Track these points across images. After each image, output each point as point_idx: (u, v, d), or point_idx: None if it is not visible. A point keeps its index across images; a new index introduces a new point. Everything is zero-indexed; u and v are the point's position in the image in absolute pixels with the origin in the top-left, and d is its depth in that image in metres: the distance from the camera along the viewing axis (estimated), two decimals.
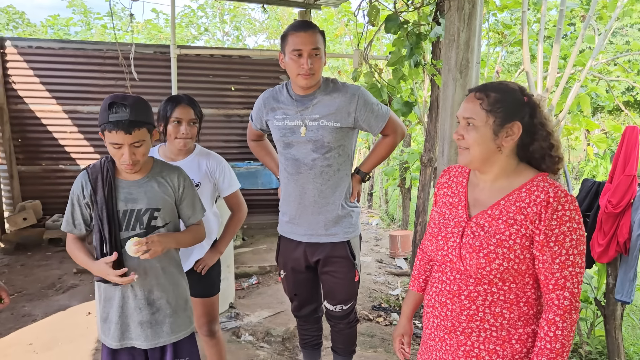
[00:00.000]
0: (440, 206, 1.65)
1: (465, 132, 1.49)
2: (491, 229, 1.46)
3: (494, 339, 1.48)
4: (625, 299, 3.23)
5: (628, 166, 3.20)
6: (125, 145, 1.85)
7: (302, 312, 2.47)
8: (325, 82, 2.28)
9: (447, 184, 1.67)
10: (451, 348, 1.53)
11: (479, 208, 1.53)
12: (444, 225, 1.58)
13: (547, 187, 1.43)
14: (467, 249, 1.47)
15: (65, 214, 2.01)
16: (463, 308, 1.49)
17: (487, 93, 1.46)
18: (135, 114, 1.84)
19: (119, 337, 1.99)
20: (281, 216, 2.41)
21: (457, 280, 1.51)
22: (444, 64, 2.96)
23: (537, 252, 1.43)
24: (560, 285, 1.41)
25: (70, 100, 6.68)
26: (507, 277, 1.45)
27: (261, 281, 5.06)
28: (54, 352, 3.46)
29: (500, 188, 1.51)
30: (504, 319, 1.47)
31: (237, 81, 7.09)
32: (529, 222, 1.42)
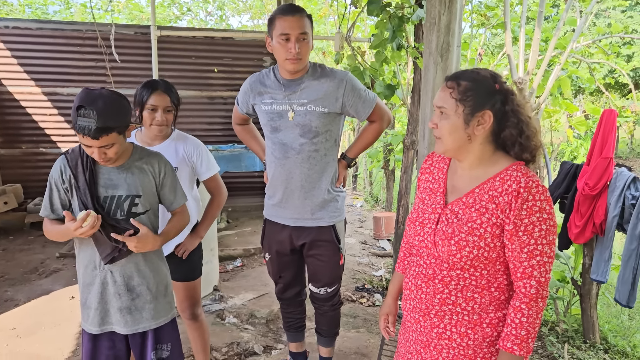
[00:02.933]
0: (421, 191, 1.67)
1: (438, 121, 1.50)
2: (464, 217, 1.48)
3: (465, 322, 1.52)
4: (600, 278, 3.32)
5: (605, 149, 3.26)
6: (94, 147, 1.83)
7: (286, 295, 2.50)
8: (313, 67, 2.28)
9: (429, 169, 1.68)
10: (425, 330, 1.57)
11: (456, 195, 1.55)
12: (422, 211, 1.61)
13: (520, 177, 1.43)
14: (441, 235, 1.50)
15: (43, 199, 2.00)
16: (436, 292, 1.53)
17: (458, 82, 1.47)
18: (103, 120, 1.76)
19: (99, 323, 2.00)
20: (267, 200, 2.42)
21: (432, 264, 1.54)
22: (425, 48, 2.96)
23: (506, 241, 1.45)
24: (528, 274, 1.44)
25: (49, 82, 6.56)
26: (477, 264, 1.48)
27: (245, 264, 5.09)
28: (38, 336, 3.46)
29: (476, 176, 1.52)
30: (475, 303, 1.50)
31: (220, 62, 7.02)
32: (500, 211, 1.44)
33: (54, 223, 1.98)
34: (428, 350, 1.58)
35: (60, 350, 3.27)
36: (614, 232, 3.24)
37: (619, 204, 3.18)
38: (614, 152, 3.34)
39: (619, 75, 10.93)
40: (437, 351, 1.56)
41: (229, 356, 3.31)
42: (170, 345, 2.13)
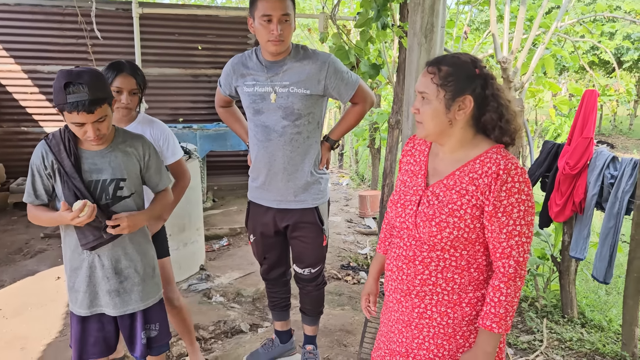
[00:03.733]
0: (403, 174, 1.69)
1: (420, 106, 1.51)
2: (445, 199, 1.51)
3: (445, 302, 1.56)
4: (579, 255, 3.40)
5: (586, 129, 3.31)
6: (88, 124, 1.82)
7: (271, 276, 2.53)
8: (296, 48, 2.27)
9: (411, 152, 1.70)
10: (406, 309, 1.61)
11: (437, 177, 1.57)
12: (403, 192, 1.63)
13: (499, 160, 1.46)
14: (422, 217, 1.52)
15: (26, 186, 1.99)
16: (417, 272, 1.56)
17: (439, 67, 1.48)
18: (94, 92, 1.77)
19: (88, 305, 2.02)
20: (251, 182, 2.43)
21: (412, 246, 1.57)
22: (410, 28, 2.95)
23: (486, 222, 1.48)
24: (507, 254, 1.47)
25: (29, 59, 6.43)
26: (457, 245, 1.51)
27: (232, 243, 5.12)
28: (24, 317, 3.47)
29: (457, 159, 1.54)
30: (455, 283, 1.54)
31: (204, 40, 6.92)
32: (480, 193, 1.46)
33: (39, 209, 1.98)
34: (409, 330, 1.62)
35: (47, 330, 3.29)
36: (592, 210, 3.32)
37: (598, 183, 3.24)
38: (596, 131, 3.38)
39: (601, 53, 10.99)
40: (418, 330, 1.60)
41: (216, 334, 3.36)
42: (159, 325, 2.16)
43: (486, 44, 6.20)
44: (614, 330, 3.50)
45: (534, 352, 3.19)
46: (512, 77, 4.28)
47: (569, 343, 3.29)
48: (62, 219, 1.85)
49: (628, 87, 8.13)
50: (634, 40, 11.64)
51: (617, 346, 3.22)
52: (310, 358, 2.50)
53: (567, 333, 3.39)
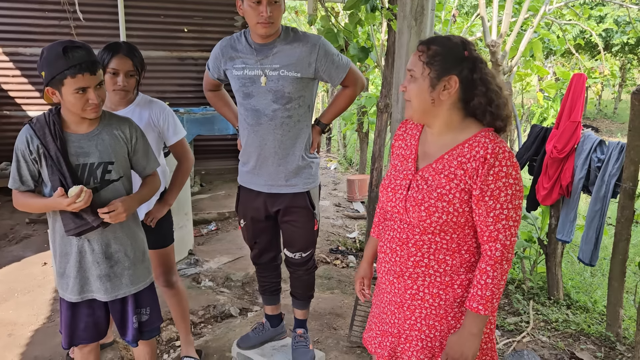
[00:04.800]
0: (394, 158, 1.69)
1: (407, 84, 1.52)
2: (433, 183, 1.51)
3: (437, 283, 1.57)
4: (565, 238, 3.45)
5: (573, 113, 3.33)
6: (90, 88, 1.81)
7: (261, 260, 2.52)
8: (286, 30, 2.23)
9: (403, 136, 1.70)
10: (399, 291, 1.62)
11: (426, 161, 1.57)
12: (394, 177, 1.63)
13: (487, 143, 1.46)
14: (411, 201, 1.53)
15: (11, 171, 1.95)
16: (410, 255, 1.57)
17: (429, 46, 1.48)
18: (91, 54, 1.82)
19: (79, 291, 2.00)
20: (241, 166, 2.41)
21: (405, 229, 1.58)
22: (399, 11, 2.93)
23: (474, 206, 1.49)
24: (494, 237, 1.48)
25: (10, 41, 6.27)
26: (447, 229, 1.52)
27: (220, 227, 5.11)
28: (11, 303, 3.44)
29: (445, 142, 1.54)
30: (447, 265, 1.55)
31: (191, 22, 6.80)
32: (468, 177, 1.47)
33: (26, 195, 1.94)
34: (402, 311, 1.63)
35: (35, 316, 3.27)
36: (579, 194, 3.36)
37: (585, 166, 3.28)
38: (582, 114, 3.41)
39: (590, 36, 11.03)
40: (410, 311, 1.62)
41: (206, 319, 3.36)
42: (149, 309, 2.15)
43: (474, 27, 6.18)
44: (599, 311, 3.57)
45: (521, 333, 3.24)
46: (500, 61, 4.28)
47: (554, 324, 3.35)
48: (58, 204, 1.82)
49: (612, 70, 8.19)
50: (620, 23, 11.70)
51: (602, 327, 3.29)
52: (301, 342, 2.51)
53: (553, 314, 3.45)
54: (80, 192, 1.79)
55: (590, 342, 3.16)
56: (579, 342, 3.16)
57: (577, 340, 3.18)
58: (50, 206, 1.89)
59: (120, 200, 1.93)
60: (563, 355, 3.01)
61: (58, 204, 1.82)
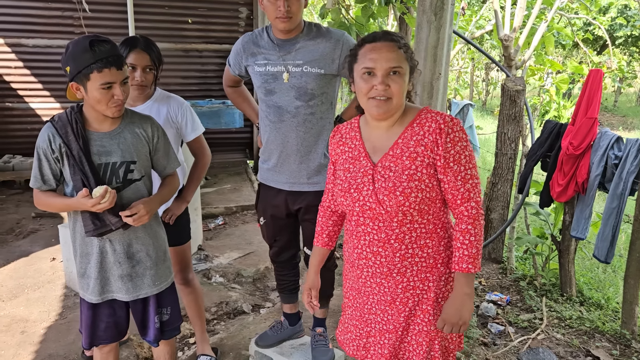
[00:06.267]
0: (342, 163, 1.71)
1: (391, 82, 1.53)
2: (398, 167, 1.56)
3: (424, 268, 1.64)
4: (580, 235, 3.43)
5: (590, 109, 3.30)
6: (116, 84, 1.78)
7: (280, 258, 2.49)
8: (309, 26, 2.19)
9: (342, 141, 1.73)
10: (390, 289, 1.67)
11: (380, 153, 1.62)
12: (352, 178, 1.65)
13: (435, 116, 1.57)
14: (383, 192, 1.56)
15: (32, 170, 1.90)
16: (395, 250, 1.62)
17: (402, 42, 1.55)
18: (117, 49, 1.80)
19: (99, 292, 1.97)
20: (262, 164, 2.37)
21: (382, 228, 1.61)
22: (419, 6, 2.89)
23: (441, 176, 1.57)
24: (467, 198, 1.57)
25: (13, 32, 6.19)
26: (423, 208, 1.58)
27: (227, 222, 5.07)
28: (22, 299, 3.41)
29: (394, 130, 1.61)
30: (428, 248, 1.63)
31: (195, 13, 6.73)
32: (429, 150, 1.55)
33: (48, 194, 1.91)
34: (394, 306, 1.68)
35: (46, 313, 3.24)
36: (595, 190, 3.33)
37: (602, 163, 3.24)
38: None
39: (593, 28, 10.98)
40: (403, 304, 1.67)
41: (219, 316, 3.35)
42: (170, 309, 2.13)
43: (482, 19, 6.14)
44: (612, 308, 3.56)
45: (535, 330, 3.23)
46: (513, 55, 4.24)
47: (568, 321, 3.34)
48: (82, 205, 1.79)
49: (620, 64, 8.18)
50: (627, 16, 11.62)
51: (617, 324, 3.28)
52: (321, 341, 2.49)
53: (566, 311, 3.44)
54: (105, 192, 1.76)
55: (605, 339, 3.15)
56: (594, 340, 3.15)
57: (592, 338, 3.17)
58: (74, 206, 1.85)
59: (142, 202, 1.90)
60: (578, 353, 3.01)
61: (82, 204, 1.79)
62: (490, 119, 13.82)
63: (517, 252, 4.55)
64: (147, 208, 1.88)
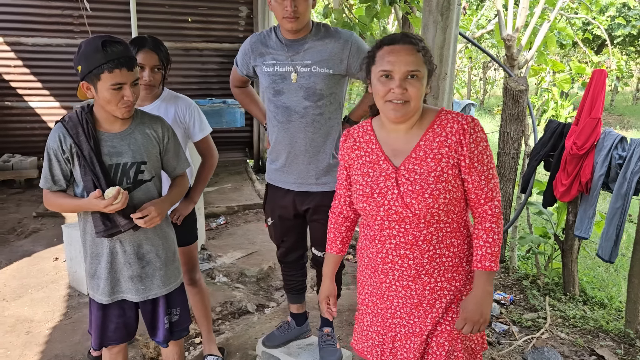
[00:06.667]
0: (360, 167, 1.67)
1: (408, 85, 1.50)
2: (423, 170, 1.55)
3: (450, 267, 1.64)
4: (583, 234, 3.44)
5: (594, 109, 3.31)
6: (127, 84, 1.77)
7: (288, 259, 2.49)
8: (317, 26, 2.19)
9: (356, 145, 1.69)
10: (417, 291, 1.65)
11: (401, 156, 1.59)
12: (373, 182, 1.62)
13: (456, 117, 1.56)
14: (410, 195, 1.55)
15: (42, 171, 1.90)
16: (423, 252, 1.60)
17: (420, 45, 1.53)
18: (129, 50, 1.80)
19: (109, 292, 1.96)
20: (269, 164, 2.37)
21: (409, 230, 1.59)
22: (425, 6, 2.89)
23: (465, 176, 1.57)
24: (490, 197, 1.58)
25: (12, 30, 6.19)
26: (450, 208, 1.57)
27: (229, 221, 5.07)
28: (26, 299, 3.40)
29: (413, 132, 1.59)
30: (454, 247, 1.63)
31: (195, 12, 6.74)
32: (454, 151, 1.54)
33: (58, 195, 1.90)
34: (420, 309, 1.66)
35: (50, 313, 3.23)
36: (599, 190, 3.34)
37: (606, 163, 3.26)
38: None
39: (591, 28, 11.02)
40: (430, 305, 1.65)
41: (223, 315, 3.34)
42: (180, 310, 2.13)
43: (482, 18, 6.15)
44: (615, 308, 3.58)
45: (539, 329, 3.24)
46: (516, 55, 4.25)
47: (572, 320, 3.35)
48: (93, 206, 1.78)
49: (619, 64, 8.20)
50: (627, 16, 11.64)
51: (620, 323, 3.29)
52: (328, 341, 2.49)
53: (570, 310, 3.45)
54: (118, 194, 1.76)
55: (609, 338, 3.17)
56: (598, 339, 3.16)
57: (596, 337, 3.18)
58: (85, 207, 1.85)
59: (153, 204, 1.89)
60: (583, 352, 3.02)
61: (94, 205, 1.78)
62: (488, 118, 13.84)
63: (520, 252, 4.57)
64: (158, 210, 1.88)
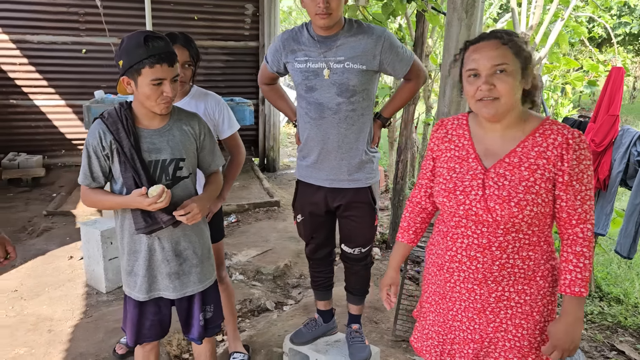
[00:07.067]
0: (447, 161, 1.63)
1: (496, 81, 1.44)
2: (514, 177, 1.49)
3: (521, 279, 1.56)
4: (601, 231, 3.46)
5: (612, 106, 3.33)
6: (167, 80, 1.77)
7: (317, 255, 2.49)
8: (349, 22, 2.19)
9: (447, 137, 1.65)
10: (481, 297, 1.59)
11: (493, 158, 1.54)
12: (458, 179, 1.57)
13: (562, 129, 1.48)
14: (495, 200, 1.49)
15: (81, 167, 1.89)
16: (495, 259, 1.53)
17: (509, 38, 1.45)
18: (171, 47, 1.79)
19: (147, 290, 1.96)
20: (300, 161, 2.37)
21: (485, 233, 1.53)
22: (449, 3, 2.90)
23: (560, 192, 1.49)
24: (583, 219, 1.49)
25: (17, 28, 6.16)
26: (534, 222, 1.49)
27: (241, 219, 5.06)
28: (44, 298, 3.37)
29: (512, 136, 1.52)
30: (530, 260, 1.54)
31: (201, 10, 6.72)
32: (552, 165, 1.47)
33: (97, 192, 1.89)
34: (483, 316, 1.60)
35: (70, 311, 3.21)
36: (617, 187, 3.37)
37: (624, 160, 3.28)
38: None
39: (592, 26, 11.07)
40: (493, 314, 1.59)
41: (243, 313, 3.34)
42: (213, 306, 2.13)
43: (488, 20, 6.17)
44: (632, 303, 3.61)
45: None
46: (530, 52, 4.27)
47: (590, 316, 3.37)
48: (137, 203, 1.78)
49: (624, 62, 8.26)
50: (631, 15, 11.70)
51: (638, 319, 3.32)
52: (357, 337, 2.49)
53: (587, 306, 3.47)
54: (162, 192, 1.75)
55: (628, 334, 3.19)
56: (617, 334, 3.19)
57: (614, 333, 3.21)
58: (127, 204, 1.83)
59: (194, 201, 1.89)
60: (603, 348, 3.04)
61: (137, 202, 1.78)
62: None
63: None
64: (199, 206, 1.88)
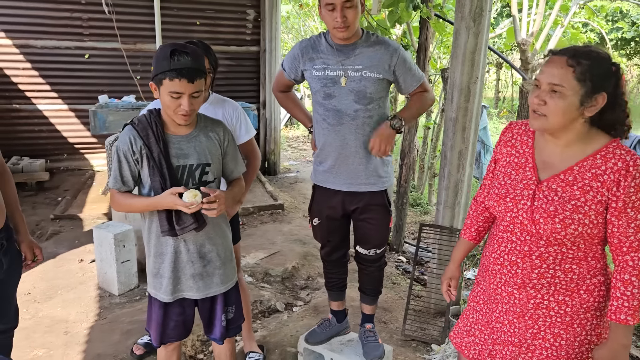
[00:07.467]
0: (504, 165, 1.64)
1: (549, 99, 1.44)
2: (565, 195, 1.48)
3: (563, 290, 1.55)
4: None
5: None
6: (185, 95, 1.81)
7: (332, 257, 2.56)
8: (367, 34, 2.28)
9: (511, 142, 1.65)
10: (520, 302, 1.60)
11: (550, 172, 1.53)
12: (511, 186, 1.58)
13: (624, 155, 1.45)
14: (541, 213, 1.49)
15: (112, 172, 1.95)
16: (534, 267, 1.54)
17: (579, 60, 1.41)
18: (197, 63, 1.82)
19: (172, 291, 2.02)
20: (317, 166, 2.44)
21: (527, 241, 1.55)
22: (457, 12, 2.99)
23: (612, 218, 1.46)
24: (635, 248, 1.46)
25: (21, 33, 6.18)
26: (578, 240, 1.49)
27: (246, 222, 5.12)
28: (57, 300, 3.42)
29: (572, 153, 1.51)
30: (574, 273, 1.53)
31: (203, 15, 6.78)
32: (606, 189, 1.45)
33: (127, 195, 1.95)
34: (522, 320, 1.62)
35: (84, 313, 3.26)
36: None
37: None
38: None
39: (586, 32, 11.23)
40: (532, 320, 1.60)
41: (255, 314, 3.40)
42: (235, 307, 2.19)
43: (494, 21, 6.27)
44: None
45: None
46: (530, 59, 4.37)
47: None
48: (169, 203, 1.85)
49: None
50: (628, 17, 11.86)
51: None
52: (371, 336, 2.56)
53: None
54: (194, 197, 1.82)
55: (635, 336, 3.28)
56: None
57: None
58: (157, 203, 1.89)
59: (222, 191, 1.94)
60: None
61: (169, 202, 1.84)
62: (498, 120, 14.03)
63: None
64: (226, 197, 1.95)
